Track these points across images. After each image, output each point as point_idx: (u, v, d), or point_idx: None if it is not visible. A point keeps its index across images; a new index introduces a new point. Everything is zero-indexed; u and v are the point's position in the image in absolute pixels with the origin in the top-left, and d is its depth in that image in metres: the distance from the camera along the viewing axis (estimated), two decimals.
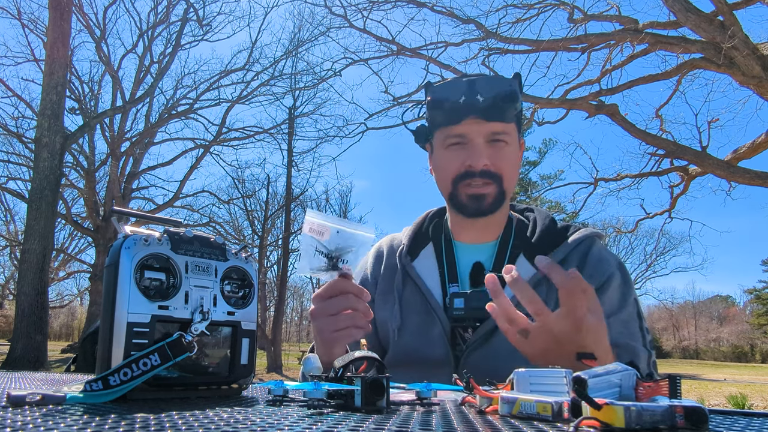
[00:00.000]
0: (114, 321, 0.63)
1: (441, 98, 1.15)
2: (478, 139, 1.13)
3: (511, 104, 1.12)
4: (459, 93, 1.12)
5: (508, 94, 1.11)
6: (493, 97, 1.11)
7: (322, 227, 0.92)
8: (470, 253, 1.22)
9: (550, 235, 1.19)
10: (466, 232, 1.24)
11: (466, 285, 1.18)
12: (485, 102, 1.10)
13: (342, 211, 28.42)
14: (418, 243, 1.28)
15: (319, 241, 0.92)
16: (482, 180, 1.13)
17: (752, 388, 12.81)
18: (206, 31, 16.69)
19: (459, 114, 1.13)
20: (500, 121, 1.13)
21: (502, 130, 1.13)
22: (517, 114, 1.17)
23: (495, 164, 1.13)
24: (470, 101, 1.11)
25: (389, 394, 0.59)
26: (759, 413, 0.63)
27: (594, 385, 0.49)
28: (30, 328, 10.09)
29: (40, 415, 0.47)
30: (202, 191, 19.10)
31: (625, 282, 1.13)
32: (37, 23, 14.88)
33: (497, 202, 1.15)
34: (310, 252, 0.92)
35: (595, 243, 1.18)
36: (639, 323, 1.09)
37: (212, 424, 0.45)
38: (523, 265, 1.14)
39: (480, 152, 1.12)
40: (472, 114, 1.12)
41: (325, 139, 17.71)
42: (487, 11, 11.64)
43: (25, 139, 15.22)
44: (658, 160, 9.85)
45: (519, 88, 1.16)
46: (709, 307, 45.74)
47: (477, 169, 1.12)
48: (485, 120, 1.12)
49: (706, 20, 7.51)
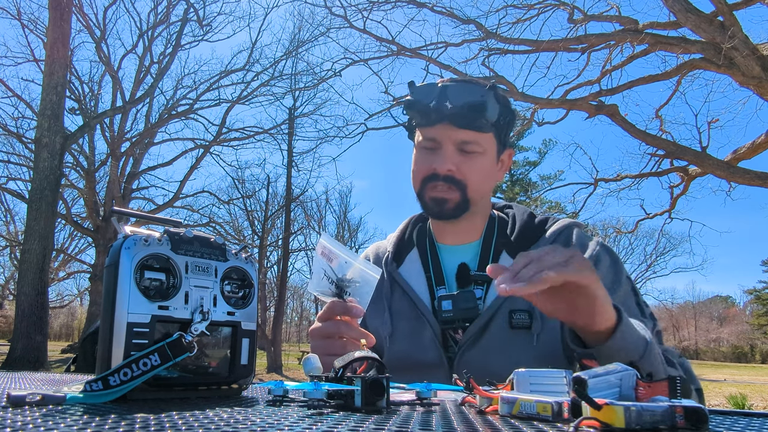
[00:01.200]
0: (114, 321, 0.63)
1: (416, 99, 1.17)
2: (448, 145, 1.14)
3: (479, 114, 1.11)
4: (431, 97, 1.13)
5: (477, 104, 1.11)
6: (460, 106, 1.11)
7: (332, 254, 0.93)
8: (455, 255, 1.23)
9: (529, 230, 1.20)
10: (448, 234, 1.25)
11: (452, 287, 1.19)
12: (453, 109, 1.11)
13: (342, 211, 28.44)
14: (403, 249, 1.29)
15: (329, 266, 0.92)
16: (445, 185, 1.14)
17: (752, 389, 12.81)
18: (206, 31, 16.71)
19: (430, 117, 1.15)
20: (471, 130, 1.13)
21: (473, 140, 1.14)
22: (495, 125, 1.16)
23: (460, 171, 1.14)
24: (439, 107, 1.12)
25: (389, 394, 0.59)
26: (759, 413, 0.63)
27: (594, 385, 0.49)
28: (30, 329, 10.09)
29: (40, 415, 0.47)
30: (202, 191, 19.12)
31: (614, 261, 1.13)
32: (37, 23, 14.90)
33: (459, 209, 1.16)
34: (320, 274, 0.93)
35: (573, 232, 1.18)
36: (635, 299, 1.10)
37: (212, 424, 0.45)
38: (507, 261, 1.15)
39: (446, 158, 1.14)
40: (443, 119, 1.13)
41: (325, 140, 17.73)
42: (487, 11, 11.64)
43: (25, 140, 15.24)
44: (658, 160, 9.85)
45: (497, 98, 1.14)
46: (709, 308, 45.75)
47: (441, 173, 1.14)
48: (455, 127, 1.13)
49: (706, 20, 7.51)
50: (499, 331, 1.10)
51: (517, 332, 1.08)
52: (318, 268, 0.93)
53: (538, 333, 1.08)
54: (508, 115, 1.20)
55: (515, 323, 1.09)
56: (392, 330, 1.20)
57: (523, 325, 1.08)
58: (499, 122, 1.17)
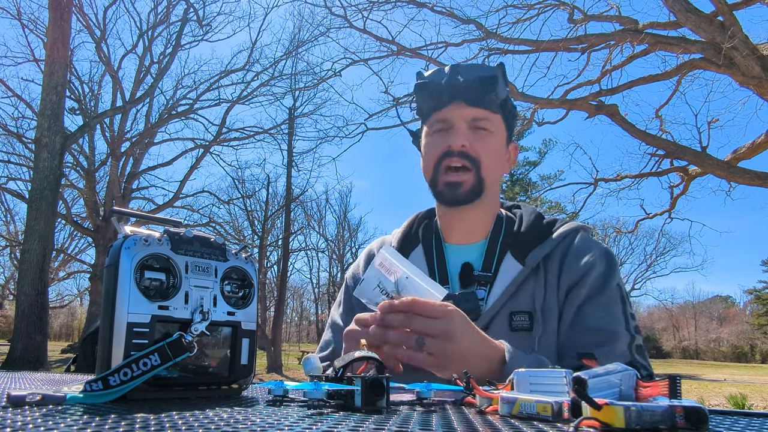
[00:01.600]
0: (114, 321, 0.63)
1: (426, 81, 1.19)
2: (460, 123, 1.16)
3: (490, 88, 1.14)
4: (442, 76, 1.17)
5: (488, 77, 1.14)
6: (473, 79, 1.14)
7: (392, 267, 0.91)
8: (459, 254, 1.22)
9: (535, 231, 1.19)
10: (455, 232, 1.24)
11: (456, 286, 1.18)
12: (465, 83, 1.14)
13: (342, 211, 28.45)
14: (408, 245, 1.29)
15: (386, 278, 0.90)
16: (460, 160, 1.15)
17: (752, 388, 12.81)
18: (206, 31, 16.71)
19: (442, 98, 1.17)
20: (482, 108, 1.16)
21: (484, 116, 1.16)
22: (502, 105, 1.18)
23: (473, 148, 1.15)
24: (451, 81, 1.15)
25: (389, 394, 0.59)
26: (759, 413, 0.63)
27: (594, 385, 0.49)
28: (30, 328, 10.09)
29: (40, 415, 0.47)
30: (202, 191, 19.12)
31: (607, 269, 1.13)
32: (37, 23, 14.90)
33: (474, 191, 1.16)
34: (372, 283, 0.91)
35: (578, 235, 1.18)
36: (622, 308, 1.09)
37: (212, 424, 0.45)
38: (510, 263, 1.15)
39: (460, 134, 1.15)
40: (455, 98, 1.15)
41: (325, 140, 17.73)
42: (487, 11, 11.66)
43: (25, 139, 15.23)
44: (658, 160, 9.85)
45: (503, 77, 1.17)
46: (709, 308, 45.73)
47: (456, 148, 1.15)
48: (467, 105, 1.15)
49: (706, 20, 7.51)
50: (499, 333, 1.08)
51: (517, 334, 1.08)
52: (371, 277, 0.91)
53: (539, 336, 1.07)
54: (512, 103, 1.22)
55: (515, 325, 1.08)
56: None
57: (524, 327, 1.08)
58: (506, 104, 1.20)
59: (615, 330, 1.05)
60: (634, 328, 1.08)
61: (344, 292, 1.34)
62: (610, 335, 1.04)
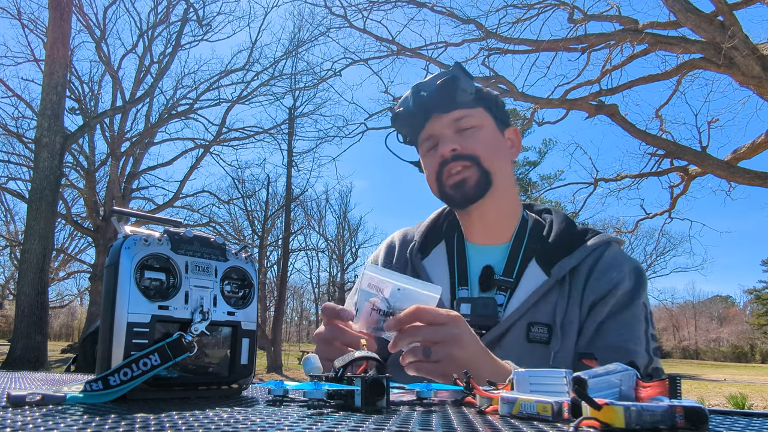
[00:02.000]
0: (114, 321, 0.63)
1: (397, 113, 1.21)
2: (445, 131, 1.16)
3: (454, 88, 1.13)
4: (408, 101, 1.18)
5: (448, 80, 1.13)
6: (434, 89, 1.14)
7: (382, 284, 0.88)
8: (481, 255, 1.19)
9: (566, 239, 1.14)
10: (476, 231, 1.21)
11: (475, 289, 1.15)
12: (429, 95, 1.14)
13: (342, 211, 28.44)
14: (431, 240, 1.26)
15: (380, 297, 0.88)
16: (457, 164, 1.14)
17: (752, 388, 12.80)
18: (206, 31, 16.70)
19: (417, 119, 1.18)
20: (457, 109, 1.15)
21: (463, 115, 1.15)
22: (478, 98, 1.17)
23: (465, 147, 1.14)
24: (417, 100, 1.16)
25: (389, 394, 0.59)
26: (759, 413, 0.63)
27: (594, 385, 0.49)
28: (30, 328, 10.09)
29: (40, 415, 0.47)
30: (202, 191, 19.12)
31: (636, 286, 1.08)
32: (37, 23, 14.90)
33: (480, 186, 1.14)
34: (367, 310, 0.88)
35: (609, 248, 1.13)
36: (645, 327, 1.05)
37: (212, 424, 0.45)
38: (534, 270, 1.11)
39: (447, 140, 1.15)
40: (429, 113, 1.16)
41: (325, 139, 17.74)
42: (487, 11, 11.66)
43: (25, 139, 15.23)
44: (658, 160, 9.85)
45: (465, 74, 1.16)
46: (709, 307, 45.74)
47: (447, 156, 1.14)
48: (442, 113, 1.15)
49: (706, 20, 7.51)
50: (515, 343, 1.05)
51: (533, 346, 1.04)
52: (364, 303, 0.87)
53: (555, 351, 1.02)
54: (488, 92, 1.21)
55: (532, 336, 1.04)
56: None
57: (541, 339, 1.04)
58: (481, 95, 1.18)
59: (634, 350, 1.01)
60: (653, 350, 1.04)
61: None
62: (627, 354, 1.00)
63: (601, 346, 1.02)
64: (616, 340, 1.02)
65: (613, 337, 1.03)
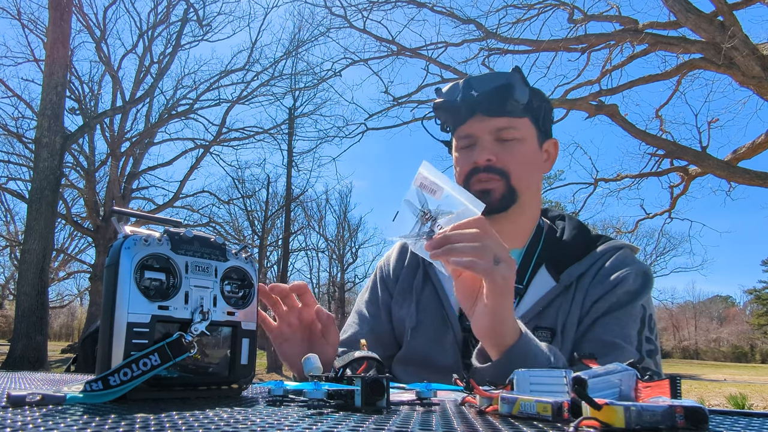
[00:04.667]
0: (114, 321, 0.63)
1: (443, 100, 1.18)
2: (484, 136, 1.14)
3: (507, 97, 1.11)
4: (456, 92, 1.15)
5: (503, 86, 1.11)
6: (487, 92, 1.11)
7: (434, 186, 0.87)
8: None
9: (577, 246, 1.15)
10: None
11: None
12: (480, 97, 1.11)
13: (342, 211, 28.44)
14: None
15: (430, 199, 0.86)
16: (487, 175, 1.12)
17: (752, 388, 12.80)
18: (206, 31, 16.69)
19: (461, 113, 1.15)
20: (504, 116, 1.13)
21: (508, 125, 1.13)
22: (527, 108, 1.15)
23: (500, 160, 1.12)
24: (465, 98, 1.13)
25: (389, 394, 0.59)
26: (759, 413, 0.63)
27: (594, 385, 0.49)
28: (30, 328, 10.09)
29: (40, 415, 0.47)
30: (202, 191, 19.10)
31: (639, 287, 1.08)
32: (37, 23, 14.89)
33: (505, 200, 1.13)
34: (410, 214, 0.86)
35: (618, 252, 1.13)
36: (639, 327, 1.05)
37: (212, 424, 0.45)
38: (544, 277, 1.11)
39: (484, 148, 1.13)
40: (473, 112, 1.13)
41: (325, 140, 17.73)
42: (487, 11, 11.67)
43: (25, 139, 15.22)
44: (658, 160, 9.86)
45: (522, 81, 1.13)
46: (709, 307, 45.73)
47: (481, 164, 1.12)
48: (487, 116, 1.13)
49: (706, 20, 7.51)
50: None
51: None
52: (406, 210, 0.85)
53: None
54: (541, 100, 1.18)
55: None
56: (416, 324, 1.19)
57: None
58: (531, 105, 1.15)
59: (623, 346, 1.01)
60: (647, 351, 1.03)
61: (372, 281, 1.34)
62: (615, 349, 1.00)
63: (591, 339, 1.04)
64: (606, 335, 1.03)
65: (603, 332, 1.04)
